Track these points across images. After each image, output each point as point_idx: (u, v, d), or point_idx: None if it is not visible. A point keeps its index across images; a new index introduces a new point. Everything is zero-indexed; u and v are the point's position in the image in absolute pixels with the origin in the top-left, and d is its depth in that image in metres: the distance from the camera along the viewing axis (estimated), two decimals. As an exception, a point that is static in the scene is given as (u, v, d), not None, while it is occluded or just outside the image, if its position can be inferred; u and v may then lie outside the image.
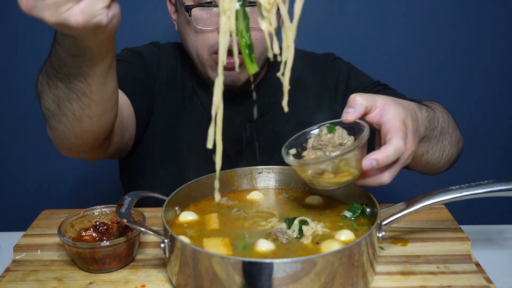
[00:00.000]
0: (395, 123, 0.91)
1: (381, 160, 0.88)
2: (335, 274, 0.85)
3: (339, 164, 0.90)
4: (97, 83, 0.95)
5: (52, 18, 0.74)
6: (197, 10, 1.29)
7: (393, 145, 0.89)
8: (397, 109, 0.94)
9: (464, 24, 2.12)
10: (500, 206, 2.29)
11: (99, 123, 1.06)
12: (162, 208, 0.99)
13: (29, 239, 1.14)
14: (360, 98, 0.92)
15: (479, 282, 0.96)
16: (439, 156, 1.17)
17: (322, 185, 0.95)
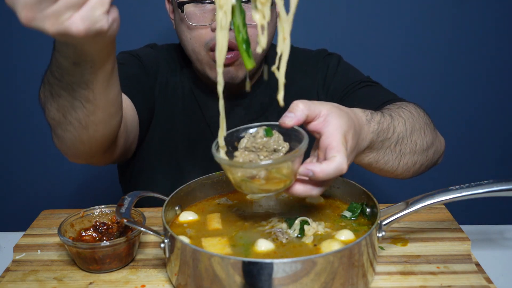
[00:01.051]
0: (337, 137, 0.89)
1: (319, 174, 0.86)
2: (335, 274, 0.85)
3: (271, 171, 0.86)
4: (101, 88, 0.95)
5: (52, 28, 0.73)
6: (190, 7, 1.29)
7: (335, 163, 0.86)
8: (340, 120, 0.91)
9: (464, 22, 2.12)
10: (500, 206, 2.29)
11: (105, 129, 1.05)
12: (162, 208, 0.99)
13: (29, 239, 1.14)
14: (302, 105, 0.90)
15: (479, 282, 0.96)
16: (394, 165, 1.14)
17: (250, 191, 0.90)
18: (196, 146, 1.45)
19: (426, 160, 1.23)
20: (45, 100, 1.01)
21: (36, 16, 0.72)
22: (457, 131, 2.21)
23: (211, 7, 1.28)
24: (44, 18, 0.72)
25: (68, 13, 0.72)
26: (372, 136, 1.03)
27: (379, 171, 1.15)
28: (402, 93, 1.61)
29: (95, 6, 0.73)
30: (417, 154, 1.18)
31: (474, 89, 2.21)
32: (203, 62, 1.34)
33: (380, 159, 1.10)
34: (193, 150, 1.44)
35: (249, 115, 1.45)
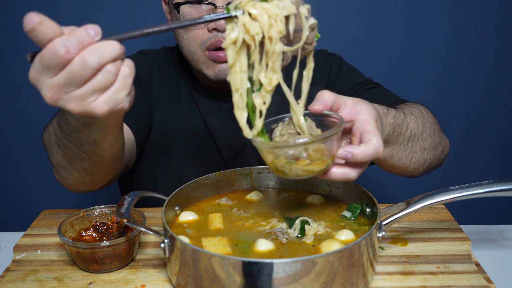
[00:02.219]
0: (371, 122, 0.91)
1: (358, 156, 0.87)
2: (335, 274, 0.85)
3: (315, 148, 0.86)
4: (108, 145, 0.97)
5: (77, 109, 0.75)
6: (186, 8, 1.29)
7: (373, 145, 0.88)
8: (369, 108, 0.94)
9: (464, 23, 2.12)
10: (500, 206, 2.29)
11: (109, 173, 1.09)
12: (162, 208, 0.99)
13: (29, 239, 1.14)
14: (329, 93, 0.92)
15: (479, 282, 0.96)
16: (406, 161, 1.15)
17: (295, 173, 0.89)
18: (196, 148, 1.44)
19: (435, 159, 1.25)
20: (50, 146, 1.03)
21: (61, 97, 0.74)
22: (457, 131, 2.21)
23: (207, 8, 1.28)
24: (69, 99, 0.74)
25: (93, 96, 0.75)
26: (388, 130, 1.04)
27: (392, 168, 1.16)
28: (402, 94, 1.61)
29: (119, 89, 0.76)
30: (427, 152, 1.19)
31: (474, 89, 2.21)
32: (199, 61, 1.34)
33: (394, 154, 1.11)
34: (192, 152, 1.44)
35: None
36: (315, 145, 0.85)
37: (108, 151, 0.99)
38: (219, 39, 1.28)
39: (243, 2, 0.83)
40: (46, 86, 0.74)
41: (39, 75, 0.74)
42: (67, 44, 0.71)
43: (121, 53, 0.75)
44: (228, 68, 0.89)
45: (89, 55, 0.73)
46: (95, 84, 0.74)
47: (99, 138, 0.93)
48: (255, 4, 0.83)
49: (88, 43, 0.73)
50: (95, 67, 0.73)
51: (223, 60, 1.30)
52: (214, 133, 1.44)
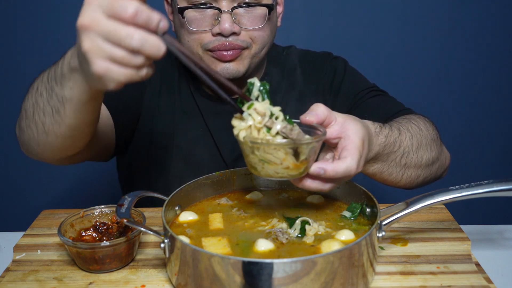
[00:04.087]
0: (355, 140, 0.94)
1: (329, 173, 0.91)
2: (335, 274, 0.85)
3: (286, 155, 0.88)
4: (71, 110, 0.97)
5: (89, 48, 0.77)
6: (190, 12, 1.28)
7: (345, 164, 0.92)
8: (357, 126, 0.96)
9: (464, 24, 2.13)
10: (500, 206, 2.30)
11: (64, 143, 1.07)
12: (162, 208, 0.99)
13: (29, 239, 1.14)
14: (323, 107, 0.95)
15: (479, 282, 0.96)
16: (397, 177, 1.17)
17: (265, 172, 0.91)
18: (196, 150, 1.43)
19: (430, 174, 1.26)
20: (30, 90, 1.05)
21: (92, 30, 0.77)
22: (457, 132, 2.21)
23: (212, 12, 1.28)
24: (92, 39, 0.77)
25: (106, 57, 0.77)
26: (378, 149, 1.06)
27: (383, 181, 1.18)
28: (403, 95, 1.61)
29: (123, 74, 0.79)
30: (421, 168, 1.21)
31: (474, 89, 2.21)
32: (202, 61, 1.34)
33: (384, 170, 1.13)
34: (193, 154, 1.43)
35: None
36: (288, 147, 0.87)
37: (70, 117, 0.98)
38: (223, 42, 1.28)
39: None
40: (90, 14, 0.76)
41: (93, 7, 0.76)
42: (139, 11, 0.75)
43: (159, 57, 0.79)
44: None
45: (139, 36, 0.75)
46: (120, 54, 0.77)
47: (67, 97, 0.94)
48: None
49: (152, 28, 0.77)
50: (133, 47, 0.76)
51: (226, 59, 1.30)
52: (215, 135, 1.43)
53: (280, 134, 0.89)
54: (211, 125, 1.43)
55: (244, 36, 1.30)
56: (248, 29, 1.29)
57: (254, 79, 0.95)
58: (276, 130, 0.89)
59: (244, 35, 1.30)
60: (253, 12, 1.29)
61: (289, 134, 0.89)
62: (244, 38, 1.30)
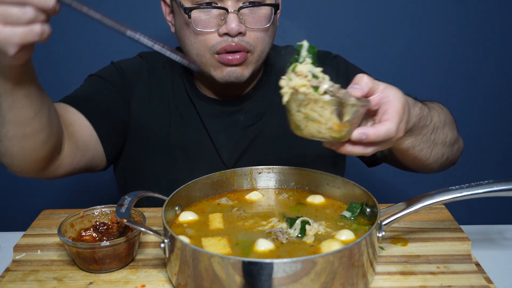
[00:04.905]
0: (396, 105, 0.95)
1: (371, 137, 0.93)
2: (335, 274, 0.85)
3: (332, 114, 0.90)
4: (6, 104, 0.99)
5: None
6: (196, 12, 1.27)
7: (385, 127, 0.93)
8: (398, 93, 0.98)
9: (464, 23, 2.12)
10: (500, 206, 2.29)
11: (22, 146, 1.07)
12: (162, 208, 0.99)
13: (29, 239, 1.14)
14: (367, 78, 0.96)
15: (479, 282, 0.96)
16: (427, 154, 1.18)
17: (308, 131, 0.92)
18: (195, 152, 1.42)
19: (451, 154, 1.28)
20: None
21: None
22: (457, 131, 2.21)
23: (217, 12, 1.27)
24: None
25: None
26: (415, 120, 1.07)
27: (413, 159, 1.18)
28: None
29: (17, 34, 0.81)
30: (446, 146, 1.23)
31: (474, 89, 2.21)
32: (208, 64, 1.32)
33: (416, 145, 1.13)
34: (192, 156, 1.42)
35: (247, 120, 1.44)
36: (335, 106, 0.88)
37: (9, 113, 1.00)
38: (230, 43, 1.27)
39: None
40: None
41: None
42: None
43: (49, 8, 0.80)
44: None
45: None
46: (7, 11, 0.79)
47: None
48: None
49: None
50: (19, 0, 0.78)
51: (232, 63, 1.29)
52: (214, 137, 1.42)
53: (327, 93, 0.91)
54: (210, 127, 1.42)
55: (249, 37, 1.29)
56: (253, 28, 1.29)
57: (304, 42, 0.96)
58: (323, 89, 0.90)
59: (249, 36, 1.29)
60: (258, 12, 1.28)
61: (336, 93, 0.90)
62: (249, 39, 1.29)
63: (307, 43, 0.95)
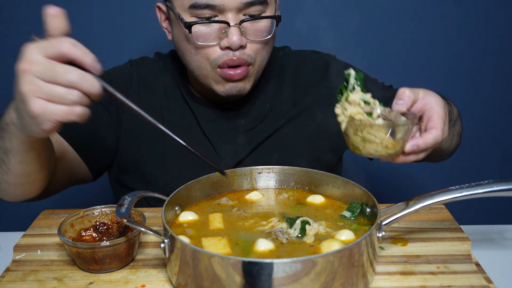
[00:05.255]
0: (439, 110, 1.02)
1: (422, 146, 1.00)
2: (335, 274, 0.85)
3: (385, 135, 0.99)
4: (15, 159, 1.03)
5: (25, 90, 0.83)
6: (197, 26, 1.25)
7: (433, 135, 1.01)
8: (437, 98, 1.05)
9: (464, 23, 2.12)
10: (500, 206, 2.29)
11: (20, 190, 1.14)
12: (162, 208, 0.99)
13: (29, 239, 1.14)
14: (409, 92, 1.02)
15: (479, 282, 0.96)
16: (449, 145, 1.30)
17: (366, 151, 1.01)
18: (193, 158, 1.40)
19: (459, 144, 1.39)
20: None
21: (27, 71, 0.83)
22: (457, 131, 2.21)
23: (218, 26, 1.25)
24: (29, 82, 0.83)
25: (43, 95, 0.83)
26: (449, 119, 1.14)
27: (438, 151, 1.25)
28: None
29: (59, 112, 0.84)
30: (458, 136, 1.36)
31: (474, 89, 2.21)
32: (209, 77, 1.31)
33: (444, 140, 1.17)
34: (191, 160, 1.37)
35: (248, 124, 1.43)
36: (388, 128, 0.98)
37: (14, 166, 1.05)
38: (231, 57, 1.26)
39: None
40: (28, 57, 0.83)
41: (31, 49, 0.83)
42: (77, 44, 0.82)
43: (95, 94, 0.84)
44: None
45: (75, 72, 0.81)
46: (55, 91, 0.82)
47: (8, 148, 1.02)
48: None
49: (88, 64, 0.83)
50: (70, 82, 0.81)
51: (234, 78, 1.29)
52: (214, 142, 1.41)
53: (380, 116, 1.00)
54: (209, 132, 1.41)
55: (250, 49, 1.28)
56: (254, 40, 1.28)
57: (350, 70, 1.04)
58: (377, 114, 1.00)
59: (249, 48, 1.28)
60: (259, 24, 1.28)
61: (387, 116, 1.01)
62: (250, 52, 1.28)
63: (353, 71, 1.03)
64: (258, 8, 1.26)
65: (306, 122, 1.47)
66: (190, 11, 1.25)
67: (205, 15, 1.25)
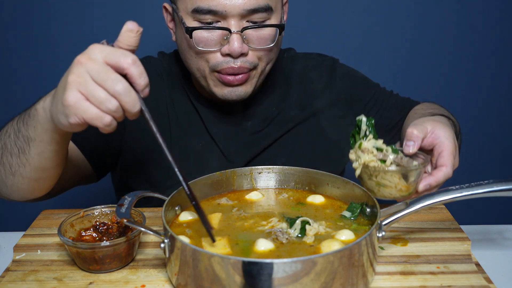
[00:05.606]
0: (448, 145, 1.06)
1: (433, 185, 1.07)
2: (335, 274, 0.85)
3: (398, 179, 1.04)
4: (36, 149, 1.03)
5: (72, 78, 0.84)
6: (198, 32, 1.24)
7: (443, 172, 1.06)
8: (446, 130, 1.08)
9: (463, 24, 2.12)
10: (500, 206, 2.29)
11: (29, 185, 1.12)
12: (162, 208, 0.99)
13: (29, 239, 1.14)
14: (417, 132, 1.06)
15: (479, 282, 0.96)
16: None
17: (381, 194, 1.07)
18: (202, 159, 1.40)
19: None
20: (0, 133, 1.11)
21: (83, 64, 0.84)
22: (457, 131, 2.21)
23: (221, 32, 1.24)
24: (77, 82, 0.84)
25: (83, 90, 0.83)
26: None
27: None
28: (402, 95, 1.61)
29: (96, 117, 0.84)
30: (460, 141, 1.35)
31: (474, 89, 2.21)
32: (208, 78, 1.31)
33: None
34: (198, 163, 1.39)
35: (254, 127, 1.43)
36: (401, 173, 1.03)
37: (34, 158, 1.04)
38: (232, 66, 1.25)
39: None
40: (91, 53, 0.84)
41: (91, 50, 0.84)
42: (137, 62, 0.83)
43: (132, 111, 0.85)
44: None
45: (123, 85, 0.82)
46: (96, 91, 0.82)
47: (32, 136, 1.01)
48: None
49: (139, 83, 0.84)
50: (113, 91, 0.82)
51: (233, 84, 1.28)
52: (220, 143, 1.41)
53: (393, 163, 1.06)
54: (215, 134, 1.41)
55: (252, 56, 1.27)
56: (256, 48, 1.27)
57: (361, 116, 1.08)
58: (390, 161, 1.05)
59: (252, 56, 1.27)
60: (262, 31, 1.26)
61: (400, 162, 1.05)
62: (252, 59, 1.27)
63: (364, 118, 1.08)
64: (262, 15, 1.24)
65: (313, 127, 1.46)
66: (193, 15, 1.24)
67: (207, 20, 1.23)
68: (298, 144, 1.45)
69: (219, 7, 1.21)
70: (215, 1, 1.21)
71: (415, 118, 1.37)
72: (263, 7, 1.23)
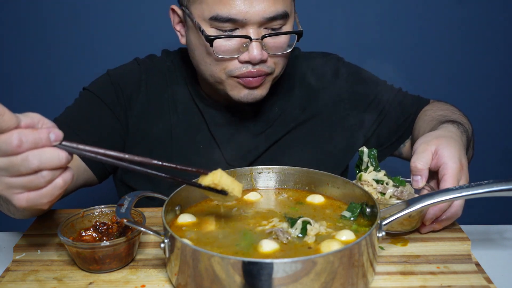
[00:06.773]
0: (452, 167, 1.06)
1: (438, 228, 1.11)
2: (335, 274, 0.85)
3: None
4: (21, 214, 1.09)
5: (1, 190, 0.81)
6: (219, 41, 1.23)
7: (451, 213, 1.08)
8: (450, 149, 1.08)
9: (466, 24, 2.13)
10: (500, 206, 2.29)
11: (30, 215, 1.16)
12: (162, 208, 0.99)
13: (29, 239, 1.14)
14: (420, 165, 1.07)
15: (479, 282, 0.96)
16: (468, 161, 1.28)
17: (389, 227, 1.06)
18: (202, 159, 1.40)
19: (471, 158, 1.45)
20: None
21: None
22: (457, 131, 2.21)
23: (241, 40, 1.23)
24: None
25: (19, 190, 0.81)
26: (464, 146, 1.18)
27: None
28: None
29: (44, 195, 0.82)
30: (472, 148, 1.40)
31: (474, 89, 2.21)
32: (223, 83, 1.30)
33: None
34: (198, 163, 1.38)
35: (257, 128, 1.43)
36: None
37: (24, 215, 1.10)
38: (250, 71, 1.25)
39: None
40: None
41: None
42: (23, 139, 0.77)
43: (63, 164, 0.81)
44: None
45: (33, 156, 0.78)
46: (26, 181, 0.80)
47: (12, 210, 1.07)
48: None
49: (43, 145, 0.79)
50: (33, 168, 0.79)
51: (252, 85, 1.27)
52: (221, 145, 1.41)
53: (392, 196, 1.07)
54: (217, 135, 1.41)
55: (269, 62, 1.27)
56: (275, 54, 1.27)
57: (363, 148, 1.11)
58: (389, 195, 1.06)
59: (269, 61, 1.27)
60: (280, 38, 1.26)
61: (400, 196, 1.06)
62: (270, 64, 1.27)
63: (366, 149, 1.11)
64: (280, 22, 1.24)
65: (315, 127, 1.46)
66: (211, 22, 1.23)
67: (226, 28, 1.22)
68: (299, 144, 1.45)
69: (239, 15, 1.20)
70: (235, 9, 1.19)
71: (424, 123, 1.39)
72: (281, 14, 1.23)
